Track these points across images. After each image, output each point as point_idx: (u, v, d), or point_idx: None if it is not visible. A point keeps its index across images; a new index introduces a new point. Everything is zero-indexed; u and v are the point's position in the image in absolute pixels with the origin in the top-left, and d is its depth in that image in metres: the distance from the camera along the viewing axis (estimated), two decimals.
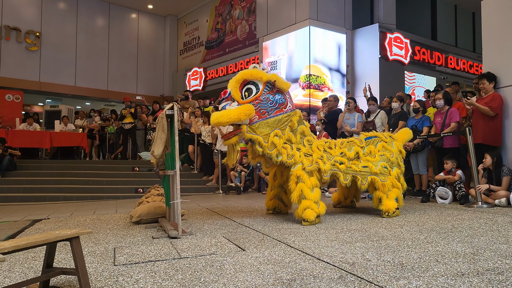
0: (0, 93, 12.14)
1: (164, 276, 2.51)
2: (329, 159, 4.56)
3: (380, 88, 10.94)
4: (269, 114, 4.38)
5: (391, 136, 5.12)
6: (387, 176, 4.71)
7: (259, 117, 4.34)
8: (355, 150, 4.76)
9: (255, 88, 4.39)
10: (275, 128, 4.40)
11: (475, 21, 16.37)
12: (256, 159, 4.77)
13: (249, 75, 4.41)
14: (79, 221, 5.09)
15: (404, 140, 5.23)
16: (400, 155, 4.99)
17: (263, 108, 4.37)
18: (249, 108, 4.27)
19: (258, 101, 4.35)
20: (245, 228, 4.15)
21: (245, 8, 15.01)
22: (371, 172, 4.67)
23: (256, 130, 4.34)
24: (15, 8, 15.06)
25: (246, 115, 4.23)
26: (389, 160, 4.81)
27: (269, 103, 4.39)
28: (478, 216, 4.53)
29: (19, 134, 10.55)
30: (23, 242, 2.05)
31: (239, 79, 4.40)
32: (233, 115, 4.18)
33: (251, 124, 4.33)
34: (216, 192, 8.88)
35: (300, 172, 4.28)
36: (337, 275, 2.42)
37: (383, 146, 4.89)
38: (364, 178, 4.64)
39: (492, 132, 5.84)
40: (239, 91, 4.38)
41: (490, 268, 2.48)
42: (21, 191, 8.39)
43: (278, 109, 4.43)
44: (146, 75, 18.37)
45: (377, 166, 4.70)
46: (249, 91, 4.39)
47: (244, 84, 4.42)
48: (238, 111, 4.20)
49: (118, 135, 12.18)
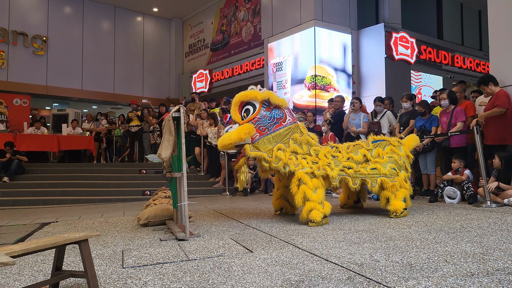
0: (8, 98, 12.26)
1: (172, 278, 2.51)
2: (337, 165, 4.58)
3: (386, 88, 10.90)
4: (269, 130, 4.47)
5: (399, 141, 5.10)
6: (395, 176, 4.70)
7: (260, 134, 4.44)
8: (361, 153, 4.75)
9: (252, 108, 4.52)
10: (278, 142, 4.47)
11: (481, 19, 16.26)
12: (266, 173, 4.87)
13: (244, 97, 4.55)
14: (87, 224, 5.12)
15: (411, 146, 5.20)
16: (407, 159, 4.97)
17: (262, 125, 4.47)
18: (248, 126, 4.39)
19: (257, 119, 4.47)
20: (252, 229, 4.15)
21: (250, 10, 15.04)
22: (380, 174, 4.66)
23: (260, 147, 4.43)
24: (22, 13, 15.21)
25: (246, 134, 4.35)
26: (397, 162, 4.80)
27: (268, 120, 4.49)
28: (487, 216, 4.49)
29: (27, 138, 10.63)
30: (33, 246, 2.06)
31: (236, 102, 4.56)
32: (233, 136, 4.33)
33: (253, 142, 4.42)
34: (223, 194, 8.89)
35: (301, 174, 4.29)
36: (345, 276, 2.41)
37: (391, 149, 4.88)
38: (374, 181, 4.64)
39: (502, 130, 5.75)
40: (238, 113, 4.53)
41: (500, 268, 2.46)
42: (29, 194, 8.46)
43: (277, 123, 4.52)
44: (152, 77, 18.47)
45: (385, 168, 4.68)
46: (247, 111, 4.53)
47: (243, 106, 4.56)
48: (237, 131, 4.35)
49: (125, 138, 12.25)
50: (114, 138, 12.93)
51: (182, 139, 3.81)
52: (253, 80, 13.66)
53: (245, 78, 14.65)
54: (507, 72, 6.06)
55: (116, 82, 17.38)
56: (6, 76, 14.66)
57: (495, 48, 6.35)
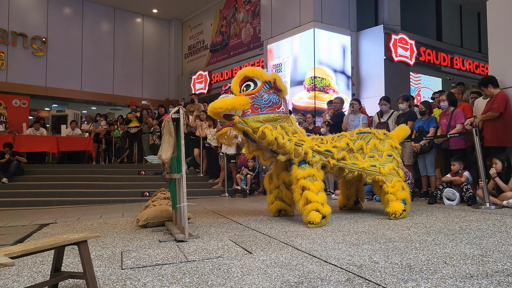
0: (7, 98, 12.26)
1: (172, 280, 2.51)
2: (319, 147, 4.61)
3: (386, 90, 10.91)
4: (261, 110, 4.47)
5: (386, 133, 5.09)
6: (393, 177, 4.71)
7: (251, 111, 4.44)
8: (344, 142, 4.78)
9: (253, 85, 4.53)
10: (265, 124, 4.49)
11: (481, 21, 16.30)
12: (252, 153, 4.89)
13: (250, 72, 4.56)
14: (86, 225, 5.12)
15: (400, 137, 5.18)
16: (395, 150, 4.97)
17: (257, 103, 4.47)
18: (245, 99, 4.40)
19: (254, 97, 4.46)
20: (251, 231, 4.15)
21: (249, 11, 15.05)
22: (379, 173, 4.70)
23: (247, 123, 4.43)
24: (22, 14, 15.21)
25: (241, 105, 4.37)
26: (397, 161, 4.82)
27: (264, 101, 4.49)
28: (486, 218, 4.49)
29: (26, 139, 10.62)
30: (32, 247, 2.06)
31: (241, 74, 4.56)
32: (228, 102, 4.34)
33: (243, 116, 4.43)
34: (222, 195, 8.89)
35: (303, 182, 4.30)
36: (344, 278, 2.41)
37: (375, 145, 4.88)
38: (370, 175, 4.70)
39: (501, 132, 5.77)
40: (238, 86, 4.52)
41: (499, 269, 2.46)
42: (28, 195, 8.45)
43: (271, 107, 4.51)
44: (151, 79, 18.47)
45: (384, 167, 4.71)
46: (247, 87, 4.53)
47: (245, 81, 4.56)
48: (233, 100, 4.36)
49: (124, 139, 12.25)
50: (113, 139, 12.92)
51: (182, 140, 3.81)
52: None
53: None
54: (506, 74, 6.06)
55: (115, 83, 17.37)
56: (6, 77, 14.65)
57: (494, 50, 6.36)
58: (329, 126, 7.83)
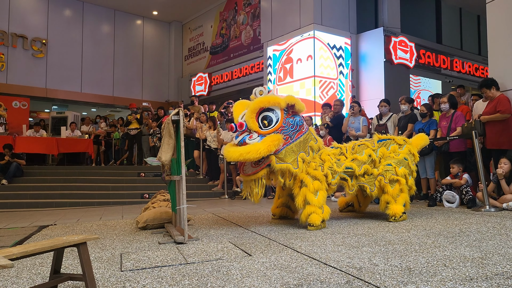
0: (7, 100, 12.27)
1: (171, 282, 2.51)
2: (339, 166, 4.49)
3: (385, 92, 10.91)
4: (291, 138, 4.15)
5: (405, 139, 5.09)
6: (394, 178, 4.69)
7: (283, 144, 4.07)
8: (366, 154, 4.69)
9: (273, 115, 4.10)
10: (300, 151, 4.23)
11: (480, 24, 16.32)
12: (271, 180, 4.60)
13: (266, 103, 4.09)
14: (85, 227, 5.11)
15: (419, 145, 5.17)
16: (411, 156, 4.93)
17: (286, 133, 4.14)
18: (278, 138, 4.01)
19: (282, 128, 4.10)
20: (251, 233, 4.15)
21: (249, 13, 15.08)
22: (395, 173, 4.65)
23: (284, 158, 4.08)
24: (22, 16, 15.23)
25: (276, 146, 3.95)
26: (399, 161, 4.80)
27: (291, 128, 4.15)
28: (486, 220, 4.49)
29: (26, 140, 10.62)
30: (31, 248, 2.06)
31: (254, 108, 4.07)
32: (263, 149, 3.87)
33: (276, 153, 4.03)
34: (222, 197, 8.88)
35: (303, 176, 4.24)
36: (344, 280, 2.40)
37: (394, 150, 4.85)
38: (372, 185, 4.65)
39: (504, 135, 5.74)
40: (256, 121, 4.08)
41: (499, 272, 2.46)
42: (28, 197, 8.44)
43: (299, 131, 4.23)
44: (151, 81, 18.48)
45: (399, 168, 4.68)
46: (267, 118, 4.10)
47: (260, 112, 4.12)
48: (267, 144, 3.91)
49: (124, 141, 12.24)
50: (113, 141, 12.92)
51: (181, 142, 3.81)
52: (253, 83, 13.67)
53: (244, 82, 14.68)
54: (506, 77, 6.07)
55: (115, 85, 17.38)
56: (6, 79, 14.65)
57: (494, 52, 6.37)
58: (328, 128, 7.83)
